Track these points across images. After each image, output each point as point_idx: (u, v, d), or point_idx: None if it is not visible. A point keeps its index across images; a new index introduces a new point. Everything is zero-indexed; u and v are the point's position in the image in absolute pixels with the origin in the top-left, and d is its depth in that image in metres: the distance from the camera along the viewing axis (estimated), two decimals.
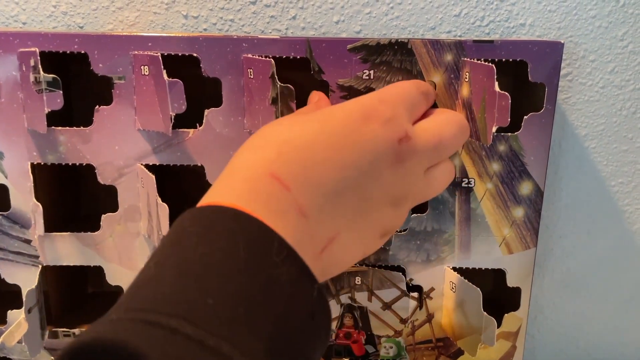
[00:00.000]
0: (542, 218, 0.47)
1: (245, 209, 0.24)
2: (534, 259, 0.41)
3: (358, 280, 0.40)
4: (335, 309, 0.41)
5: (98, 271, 0.40)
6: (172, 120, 0.35)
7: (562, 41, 0.37)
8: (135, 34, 0.36)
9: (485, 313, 0.38)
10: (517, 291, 0.41)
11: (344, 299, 0.41)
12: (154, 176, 0.36)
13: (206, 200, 0.26)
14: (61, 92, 0.35)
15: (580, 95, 0.45)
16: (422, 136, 0.30)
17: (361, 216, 0.28)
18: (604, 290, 0.50)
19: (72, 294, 0.46)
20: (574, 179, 0.47)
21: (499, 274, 0.41)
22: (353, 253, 0.29)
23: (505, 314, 0.41)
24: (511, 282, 0.41)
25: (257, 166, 0.26)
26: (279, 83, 0.34)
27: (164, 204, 0.36)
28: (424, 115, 0.33)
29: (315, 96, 0.36)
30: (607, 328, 0.51)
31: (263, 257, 0.23)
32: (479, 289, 0.38)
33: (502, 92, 0.33)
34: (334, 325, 0.41)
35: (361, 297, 0.41)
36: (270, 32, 0.43)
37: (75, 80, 0.42)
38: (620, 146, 0.47)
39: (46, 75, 0.35)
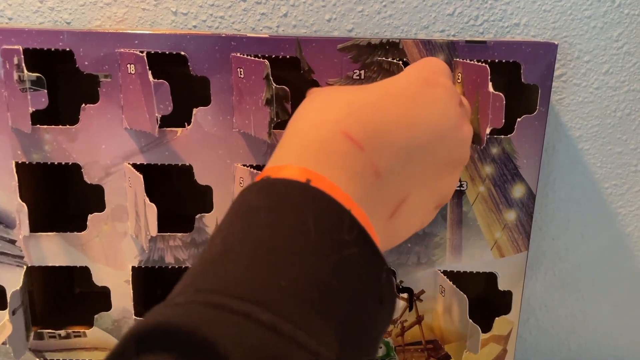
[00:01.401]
0: (534, 220, 0.47)
1: (319, 172, 0.23)
2: (525, 263, 0.40)
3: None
4: None
5: (85, 271, 0.39)
6: (159, 122, 0.34)
7: (556, 42, 0.36)
8: (121, 31, 0.35)
9: (470, 320, 0.38)
10: (508, 295, 0.41)
11: None
12: (141, 176, 0.35)
13: (273, 162, 0.25)
14: (46, 91, 0.35)
15: (575, 96, 0.45)
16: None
17: (428, 179, 0.28)
18: (597, 292, 0.50)
19: (59, 294, 0.45)
20: (568, 180, 0.47)
21: (490, 278, 0.41)
22: (416, 220, 0.28)
23: (496, 318, 0.41)
24: (502, 285, 0.40)
25: (327, 126, 0.25)
26: (275, 85, 0.34)
27: (152, 204, 0.35)
28: None
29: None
30: (600, 331, 0.51)
31: (334, 235, 0.22)
32: (465, 295, 0.38)
33: (496, 92, 0.32)
34: None
35: None
36: (262, 30, 0.43)
37: (62, 77, 0.42)
38: (614, 148, 0.46)
39: (30, 74, 0.34)
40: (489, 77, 0.33)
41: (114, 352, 0.18)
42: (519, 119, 0.37)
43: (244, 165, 0.37)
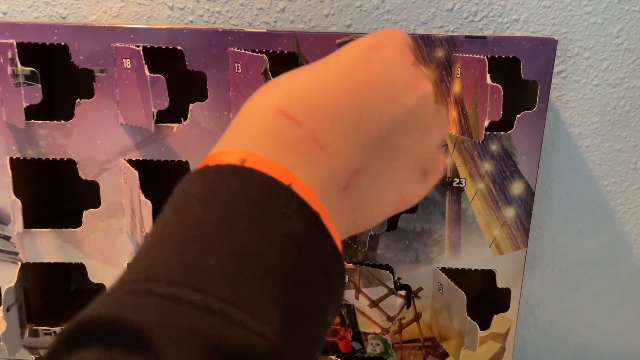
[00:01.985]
0: (533, 218, 0.46)
1: (257, 153, 0.23)
2: (524, 260, 0.40)
3: (345, 277, 0.39)
4: None
5: (81, 268, 0.39)
6: (155, 117, 0.34)
7: (556, 38, 0.36)
8: (117, 25, 0.35)
9: (468, 318, 0.37)
10: (506, 292, 0.40)
11: None
12: (137, 172, 0.35)
13: (215, 149, 0.24)
14: (40, 85, 0.34)
15: (574, 92, 0.45)
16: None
17: (389, 146, 0.26)
18: (596, 290, 0.50)
19: (54, 291, 0.45)
20: (567, 178, 0.47)
21: (489, 275, 0.41)
22: (386, 193, 0.27)
23: (495, 315, 0.41)
24: (501, 283, 0.40)
25: (264, 108, 0.25)
26: None
27: (147, 200, 0.35)
28: None
29: None
30: (599, 329, 0.51)
31: (270, 209, 0.21)
32: (463, 292, 0.38)
33: (494, 84, 0.32)
34: None
35: (348, 295, 0.40)
36: (259, 25, 0.42)
37: (57, 72, 0.41)
38: (613, 145, 0.46)
39: (24, 68, 0.34)
40: (487, 69, 0.32)
41: (47, 354, 0.19)
42: (518, 115, 0.37)
43: None
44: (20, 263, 0.38)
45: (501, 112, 0.32)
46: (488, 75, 0.32)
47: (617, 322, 0.51)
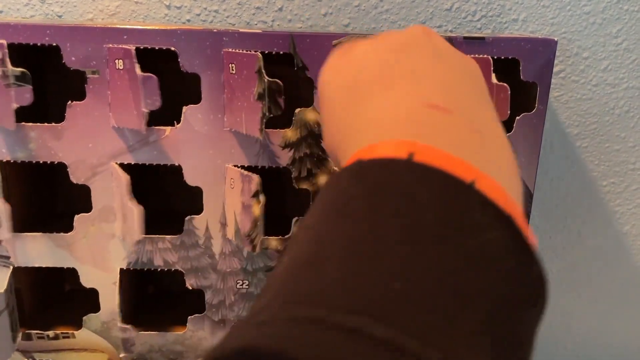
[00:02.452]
0: (532, 217, 0.46)
1: (424, 143, 0.18)
2: None
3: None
4: None
5: (73, 272, 0.38)
6: (147, 117, 0.33)
7: (556, 38, 0.35)
8: (110, 26, 0.34)
9: None
10: None
11: None
12: (126, 176, 0.34)
13: (356, 145, 0.20)
14: (31, 87, 0.33)
15: (573, 93, 0.44)
16: None
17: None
18: (593, 291, 0.50)
19: (48, 292, 0.44)
20: (565, 178, 0.46)
21: None
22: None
23: None
24: None
25: (407, 106, 0.21)
26: (267, 78, 0.33)
27: (138, 206, 0.34)
28: None
29: None
30: (597, 330, 0.51)
31: (461, 217, 0.16)
32: None
33: (501, 83, 0.31)
34: None
35: None
36: (256, 24, 0.42)
37: (48, 73, 0.40)
38: (612, 145, 0.46)
39: (14, 69, 0.33)
40: (492, 69, 0.32)
41: None
42: (517, 117, 0.36)
43: (235, 166, 0.36)
44: (11, 267, 0.38)
45: (508, 112, 0.32)
46: (493, 75, 0.31)
47: (616, 323, 0.51)
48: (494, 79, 0.31)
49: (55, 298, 0.45)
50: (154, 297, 0.46)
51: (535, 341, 0.18)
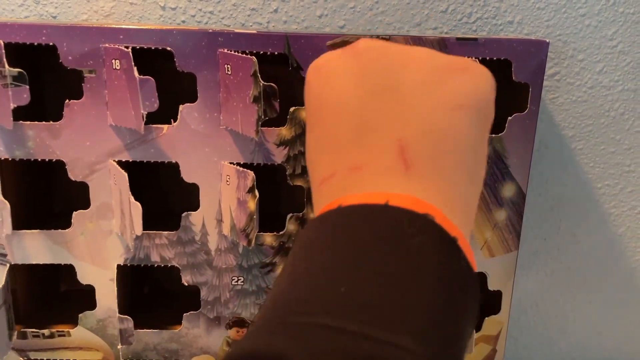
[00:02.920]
0: (526, 220, 0.46)
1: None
2: (515, 263, 0.40)
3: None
4: None
5: (70, 269, 0.39)
6: (144, 118, 0.34)
7: (548, 40, 0.36)
8: (106, 25, 0.35)
9: None
10: (497, 295, 0.40)
11: None
12: (126, 173, 0.35)
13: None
14: (27, 86, 0.34)
15: (568, 95, 0.44)
16: None
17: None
18: (588, 293, 0.50)
19: (43, 292, 0.45)
20: (560, 180, 0.46)
21: (480, 278, 0.40)
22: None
23: (486, 318, 0.40)
24: (492, 285, 0.40)
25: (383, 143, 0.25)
26: (262, 82, 0.33)
27: (137, 202, 0.34)
28: None
29: None
30: (591, 331, 0.51)
31: (391, 231, 0.21)
32: None
33: None
34: None
35: None
36: (251, 26, 0.42)
37: (45, 73, 0.41)
38: (607, 148, 0.46)
39: (11, 69, 0.33)
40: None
41: None
42: (509, 118, 0.37)
43: (231, 163, 0.36)
44: (8, 265, 0.38)
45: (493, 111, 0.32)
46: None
47: (610, 324, 0.51)
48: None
49: (50, 297, 0.45)
50: (150, 295, 0.46)
51: (472, 337, 0.23)
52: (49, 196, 0.44)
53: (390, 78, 0.25)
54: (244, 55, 0.34)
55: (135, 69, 0.33)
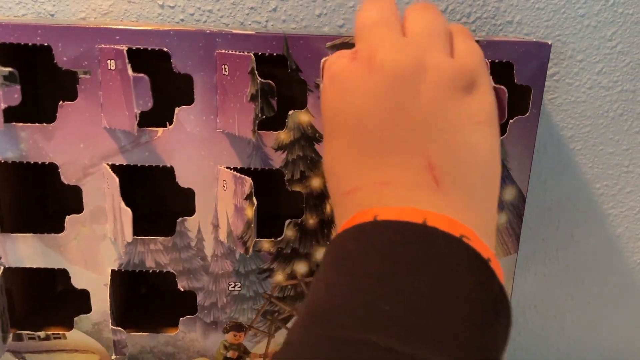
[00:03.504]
0: (525, 220, 0.46)
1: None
2: (514, 265, 0.40)
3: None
4: None
5: (64, 273, 0.38)
6: (138, 118, 0.33)
7: (550, 42, 0.35)
8: (102, 26, 0.34)
9: None
10: None
11: None
12: (117, 178, 0.34)
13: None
14: (19, 86, 0.33)
15: (567, 95, 0.44)
16: None
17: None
18: (586, 293, 0.50)
19: (39, 293, 0.44)
20: (559, 181, 0.46)
21: None
22: None
23: None
24: None
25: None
26: (259, 79, 0.32)
27: (127, 208, 0.34)
28: None
29: None
30: (589, 332, 0.51)
31: (427, 252, 0.22)
32: None
33: (499, 86, 0.31)
34: None
35: None
36: (250, 25, 0.41)
37: (39, 73, 0.40)
38: (606, 148, 0.46)
39: (3, 69, 0.33)
40: (489, 71, 0.32)
41: None
42: (511, 121, 0.36)
43: (227, 168, 0.36)
44: (2, 267, 0.37)
45: (506, 115, 0.32)
46: (490, 78, 0.31)
47: (608, 325, 0.51)
48: (491, 82, 0.31)
49: (46, 299, 0.45)
50: (146, 298, 0.46)
51: (501, 350, 0.23)
52: (41, 199, 0.43)
53: (407, 96, 0.25)
54: (242, 53, 0.33)
55: (129, 67, 0.32)
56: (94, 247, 0.37)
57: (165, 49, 0.34)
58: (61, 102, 0.35)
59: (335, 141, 0.27)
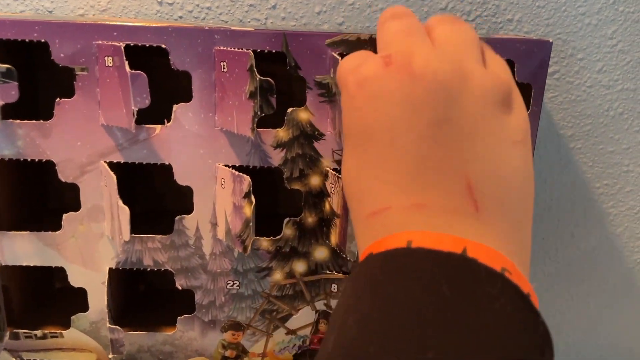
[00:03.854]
0: None
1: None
2: None
3: (334, 287, 0.38)
4: (310, 316, 0.39)
5: (61, 271, 0.38)
6: (135, 115, 0.33)
7: (550, 40, 0.35)
8: (99, 22, 0.34)
9: None
10: None
11: (320, 305, 0.39)
12: (115, 176, 0.34)
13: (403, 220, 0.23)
14: (16, 83, 0.33)
15: (567, 94, 0.44)
16: None
17: None
18: (586, 292, 0.50)
19: (36, 291, 0.44)
20: (558, 179, 0.46)
21: None
22: None
23: None
24: None
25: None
26: (258, 76, 0.32)
27: (125, 206, 0.34)
28: None
29: None
30: (588, 331, 0.51)
31: (473, 293, 0.20)
32: None
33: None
34: (308, 331, 0.40)
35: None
36: (249, 22, 0.41)
37: (37, 70, 0.40)
38: (606, 147, 0.46)
39: (0, 65, 0.32)
40: None
41: None
42: None
43: (226, 166, 0.35)
44: None
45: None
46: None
47: (607, 324, 0.51)
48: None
49: (43, 297, 0.44)
50: (144, 296, 0.45)
51: None
52: (38, 197, 0.43)
53: (449, 109, 0.23)
54: (240, 50, 0.33)
55: (127, 63, 0.32)
56: (92, 245, 0.37)
57: (163, 46, 0.34)
58: (58, 99, 0.35)
59: (363, 155, 0.25)
